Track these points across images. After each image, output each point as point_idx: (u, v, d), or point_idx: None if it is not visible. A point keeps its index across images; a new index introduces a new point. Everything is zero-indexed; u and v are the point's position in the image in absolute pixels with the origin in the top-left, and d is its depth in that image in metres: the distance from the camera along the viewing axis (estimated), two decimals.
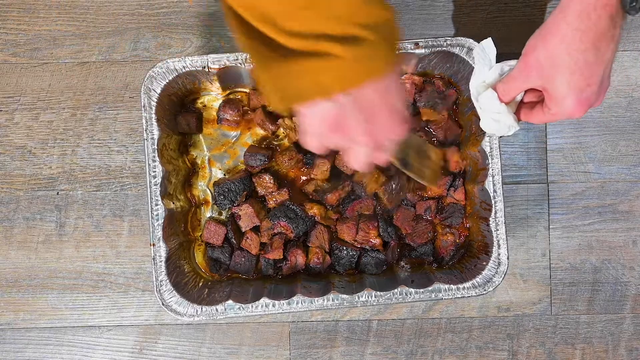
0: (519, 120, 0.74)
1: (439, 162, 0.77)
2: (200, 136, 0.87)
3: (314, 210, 0.84)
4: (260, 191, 0.85)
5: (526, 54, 0.65)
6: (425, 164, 0.72)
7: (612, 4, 0.57)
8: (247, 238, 0.84)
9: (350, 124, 0.54)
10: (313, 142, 0.57)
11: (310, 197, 0.86)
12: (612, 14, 0.58)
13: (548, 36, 0.61)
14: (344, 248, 0.84)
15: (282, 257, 0.83)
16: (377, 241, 0.84)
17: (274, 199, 0.85)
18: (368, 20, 0.49)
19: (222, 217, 0.86)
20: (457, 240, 0.85)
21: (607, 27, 0.58)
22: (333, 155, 0.84)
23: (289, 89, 0.51)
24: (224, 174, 0.87)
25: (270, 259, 0.83)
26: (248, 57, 0.51)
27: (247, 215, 0.83)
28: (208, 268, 0.86)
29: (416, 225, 0.85)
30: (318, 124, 0.54)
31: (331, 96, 0.51)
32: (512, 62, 0.70)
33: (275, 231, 0.84)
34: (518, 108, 0.74)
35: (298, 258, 0.84)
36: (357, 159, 0.59)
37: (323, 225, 0.85)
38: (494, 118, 0.73)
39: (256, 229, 0.85)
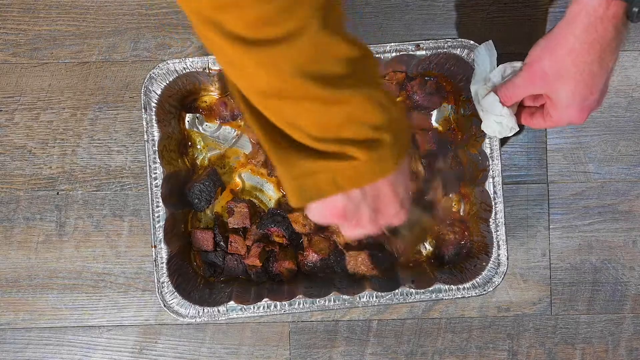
0: (519, 123, 0.74)
1: (429, 231, 0.82)
2: (200, 136, 0.86)
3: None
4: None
5: (531, 64, 0.65)
6: (415, 233, 0.76)
7: (619, 15, 0.58)
8: (232, 242, 0.83)
9: (358, 215, 0.56)
10: (315, 220, 0.59)
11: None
12: (617, 25, 0.58)
13: (555, 48, 0.62)
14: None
15: (260, 265, 0.82)
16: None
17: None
18: (382, 122, 0.51)
19: (202, 224, 0.87)
20: (458, 238, 0.85)
21: (613, 38, 0.59)
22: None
23: (305, 186, 0.52)
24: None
25: (252, 265, 0.83)
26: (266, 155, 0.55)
27: (240, 214, 0.83)
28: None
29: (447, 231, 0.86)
30: (328, 213, 0.56)
31: (345, 192, 0.53)
32: (516, 64, 0.70)
33: (267, 231, 0.83)
34: (518, 112, 0.74)
35: (285, 264, 0.83)
36: (352, 235, 0.62)
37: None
38: (497, 120, 0.73)
39: (242, 232, 0.85)
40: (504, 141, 0.89)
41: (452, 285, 0.79)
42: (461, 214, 0.87)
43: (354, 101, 0.49)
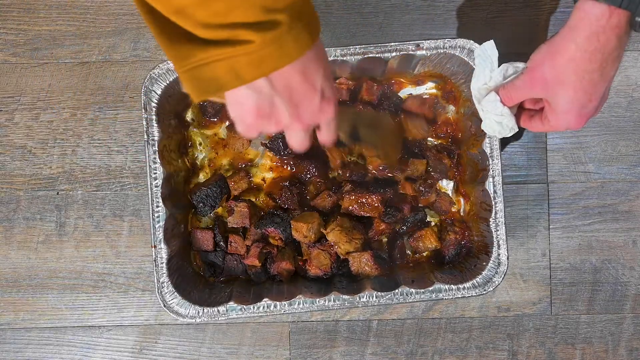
0: (518, 125, 0.74)
1: (396, 133, 0.77)
2: (200, 136, 0.86)
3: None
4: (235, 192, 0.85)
5: (532, 69, 0.65)
6: (379, 134, 0.72)
7: (622, 25, 0.57)
8: (232, 242, 0.83)
9: (275, 110, 0.54)
10: (241, 129, 0.56)
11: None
12: (620, 34, 0.58)
13: (556, 55, 0.62)
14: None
15: (259, 265, 0.82)
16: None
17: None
18: (275, 3, 0.48)
19: (202, 225, 0.87)
20: (458, 238, 0.85)
21: (615, 47, 0.59)
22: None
23: (205, 79, 0.50)
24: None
25: (251, 265, 0.83)
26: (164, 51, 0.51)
27: (240, 214, 0.83)
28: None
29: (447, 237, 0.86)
30: (243, 113, 0.54)
31: (247, 82, 0.50)
32: (518, 64, 0.70)
33: (264, 231, 0.83)
34: (518, 114, 0.74)
35: (282, 265, 0.83)
36: (292, 141, 0.59)
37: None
38: (497, 120, 0.73)
39: (242, 232, 0.85)
40: (503, 142, 0.89)
41: (452, 285, 0.79)
42: (461, 214, 0.87)
43: None
